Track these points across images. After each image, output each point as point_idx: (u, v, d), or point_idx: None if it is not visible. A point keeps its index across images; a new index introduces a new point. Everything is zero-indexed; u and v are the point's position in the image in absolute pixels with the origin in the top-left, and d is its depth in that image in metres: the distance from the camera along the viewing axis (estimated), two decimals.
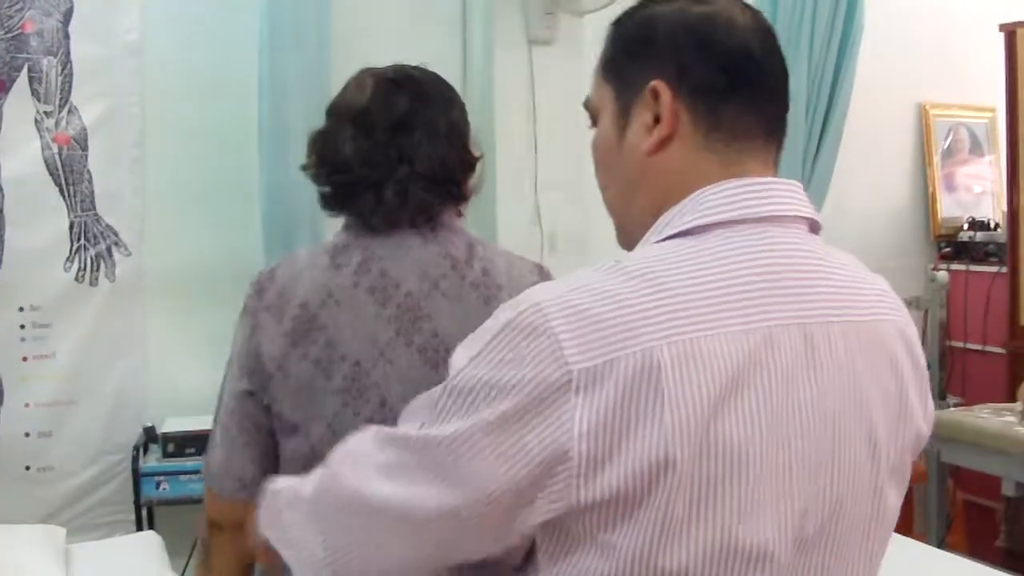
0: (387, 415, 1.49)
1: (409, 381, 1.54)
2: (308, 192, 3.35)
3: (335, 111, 1.72)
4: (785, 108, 1.14)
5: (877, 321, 1.09)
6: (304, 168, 1.74)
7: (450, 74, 3.61)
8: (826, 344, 1.03)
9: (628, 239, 1.14)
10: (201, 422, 3.36)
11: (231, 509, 1.64)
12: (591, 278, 1.00)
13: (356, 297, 1.58)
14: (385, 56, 3.59)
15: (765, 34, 1.11)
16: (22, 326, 3.42)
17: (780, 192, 1.08)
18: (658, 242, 1.06)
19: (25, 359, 3.42)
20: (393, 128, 1.63)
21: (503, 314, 1.01)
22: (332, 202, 1.69)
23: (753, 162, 1.09)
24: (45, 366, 3.44)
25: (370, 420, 1.50)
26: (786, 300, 1.02)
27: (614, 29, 1.16)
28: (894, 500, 1.11)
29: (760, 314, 1.00)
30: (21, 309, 3.42)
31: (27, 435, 3.43)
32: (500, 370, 0.98)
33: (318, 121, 3.27)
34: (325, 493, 1.13)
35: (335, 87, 3.42)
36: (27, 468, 3.44)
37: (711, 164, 1.08)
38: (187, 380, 3.54)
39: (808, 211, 1.10)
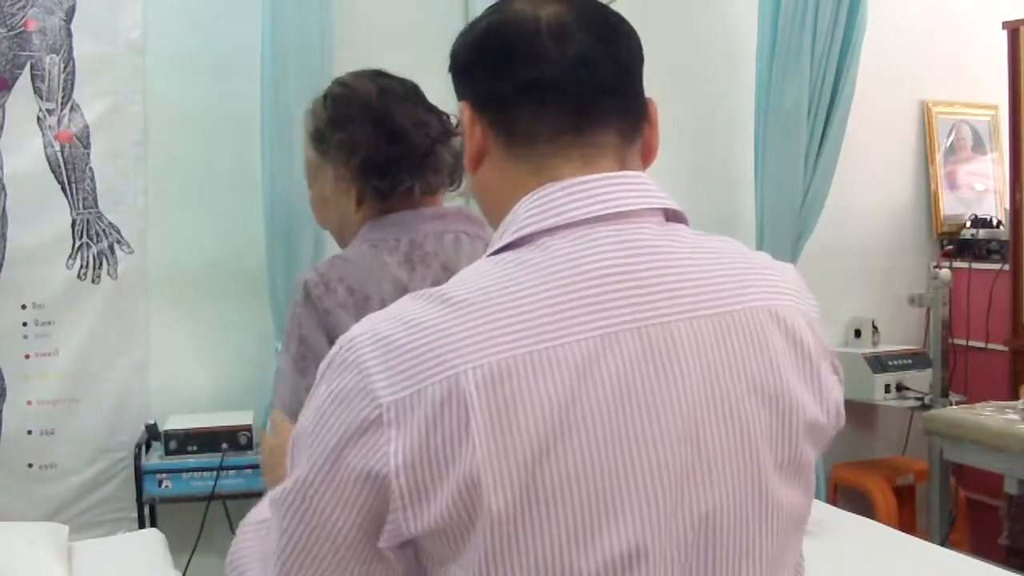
0: None
1: None
2: (307, 197, 3.37)
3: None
4: (608, 95, 1.07)
5: (741, 310, 1.03)
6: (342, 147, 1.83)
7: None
8: (669, 344, 0.98)
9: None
10: (203, 419, 3.39)
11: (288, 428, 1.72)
12: (405, 306, 0.99)
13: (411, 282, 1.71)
14: (386, 54, 3.60)
15: (567, 26, 1.06)
16: (25, 324, 3.42)
17: (609, 188, 1.03)
18: (486, 258, 1.04)
19: (28, 356, 3.42)
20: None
21: (331, 350, 1.01)
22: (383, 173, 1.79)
23: (568, 163, 1.05)
24: (48, 364, 3.44)
25: None
26: (615, 304, 0.97)
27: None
28: (791, 498, 1.04)
29: (585, 323, 0.96)
30: (24, 307, 3.42)
31: (30, 433, 3.43)
32: (321, 410, 0.97)
33: None
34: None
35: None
36: (30, 466, 3.44)
37: (522, 173, 1.06)
38: (189, 378, 3.56)
39: (656, 201, 1.06)
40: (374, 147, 1.78)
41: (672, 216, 1.08)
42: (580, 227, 1.01)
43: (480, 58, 1.09)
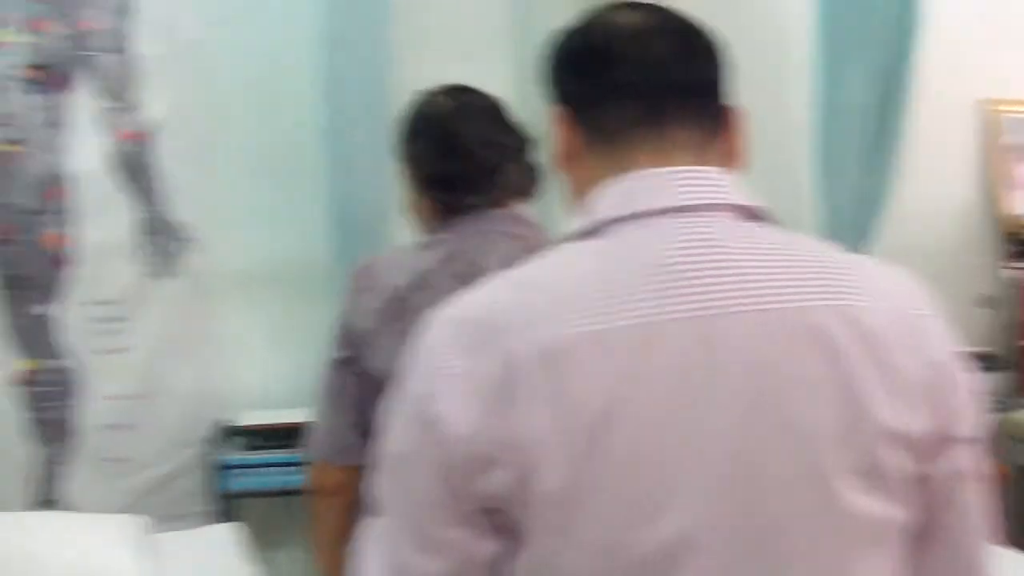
0: None
1: None
2: (372, 191, 3.40)
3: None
4: (684, 97, 1.13)
5: (804, 308, 1.03)
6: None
7: (511, 70, 3.64)
8: (721, 337, 1.00)
9: None
10: (278, 416, 3.41)
11: (332, 473, 1.93)
12: (485, 287, 1.08)
13: (443, 282, 1.78)
14: (443, 54, 3.61)
15: (646, 32, 1.15)
16: (97, 320, 3.46)
17: (682, 182, 1.09)
18: (562, 245, 1.11)
19: (101, 352, 3.46)
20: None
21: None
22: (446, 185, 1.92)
23: (644, 157, 1.10)
24: (120, 360, 3.48)
25: None
26: (671, 293, 1.00)
27: None
28: (866, 505, 1.02)
29: (638, 309, 0.99)
30: (95, 303, 3.46)
31: (106, 427, 3.47)
32: (407, 385, 1.06)
33: (380, 119, 3.32)
34: None
35: (395, 85, 3.45)
36: (107, 459, 3.48)
37: (602, 169, 1.12)
38: (262, 374, 3.58)
39: (730, 197, 1.09)
40: (437, 164, 1.90)
41: (753, 214, 1.11)
42: (649, 217, 1.07)
43: (564, 62, 1.18)
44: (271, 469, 3.32)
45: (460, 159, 1.88)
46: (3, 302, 3.41)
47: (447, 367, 1.01)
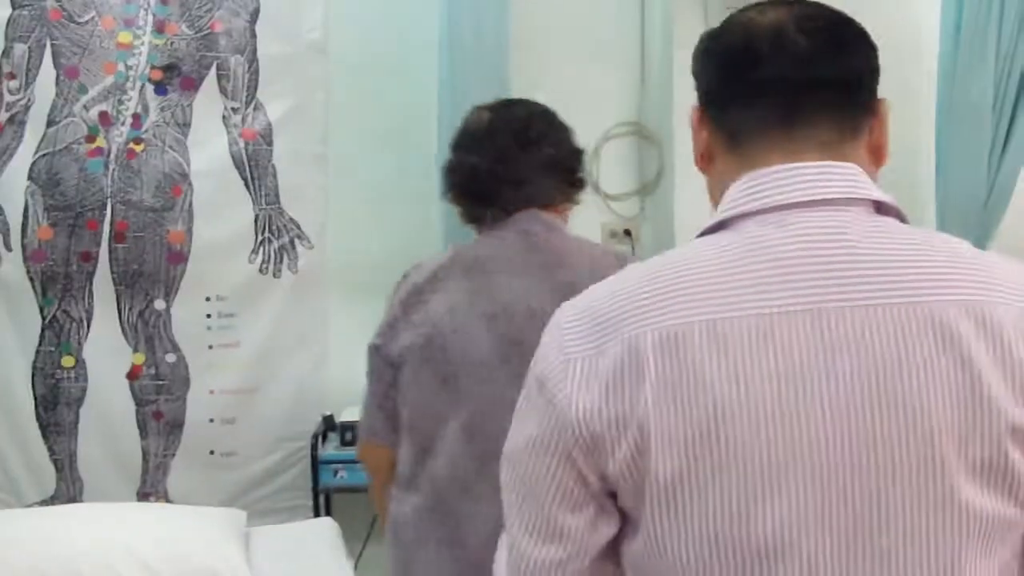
0: (449, 368, 1.95)
1: (471, 340, 1.93)
2: None
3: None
4: (822, 92, 1.13)
5: (929, 303, 1.02)
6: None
7: (628, 73, 3.61)
8: (840, 329, 1.01)
9: None
10: None
11: (371, 451, 2.16)
12: (615, 276, 1.12)
13: (452, 276, 1.99)
14: (561, 51, 3.59)
15: (784, 29, 1.12)
16: (208, 315, 3.55)
17: (810, 176, 1.09)
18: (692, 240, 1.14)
19: (211, 347, 3.55)
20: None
21: None
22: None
23: (773, 154, 1.11)
24: (230, 354, 3.56)
25: (436, 367, 1.96)
26: (792, 286, 1.02)
27: None
28: (985, 503, 1.01)
29: (758, 300, 1.02)
30: (208, 299, 3.54)
31: (211, 421, 3.56)
32: (534, 366, 1.12)
33: None
34: None
35: (514, 85, 3.45)
36: (211, 452, 3.57)
37: (737, 167, 1.13)
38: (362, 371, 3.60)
39: (861, 191, 1.09)
40: (466, 176, 2.04)
41: (886, 209, 1.11)
42: (776, 212, 1.08)
43: (705, 64, 1.19)
44: None
45: (486, 175, 2.00)
46: (122, 297, 3.53)
47: (574, 353, 1.06)
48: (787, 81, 1.12)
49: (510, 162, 2.00)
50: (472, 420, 1.92)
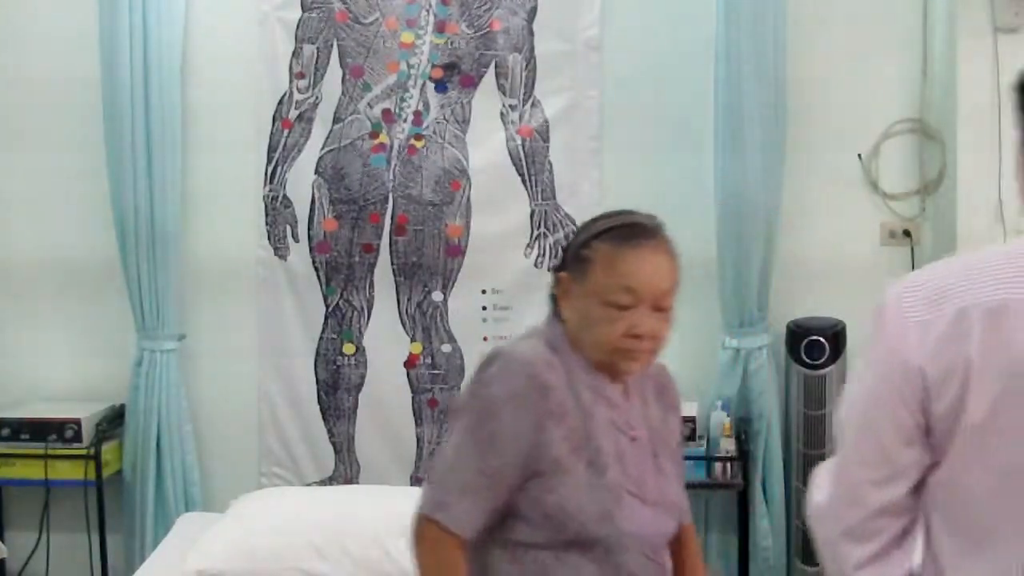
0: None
1: None
2: (762, 193, 3.36)
3: None
4: None
5: None
6: None
7: (910, 63, 3.51)
8: None
9: None
10: None
11: None
12: (932, 265, 1.42)
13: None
14: (839, 51, 3.51)
15: None
16: (484, 308, 3.64)
17: None
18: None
19: (486, 339, 3.63)
20: None
21: None
22: None
23: None
24: None
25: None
26: None
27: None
28: None
29: None
30: (484, 292, 3.63)
31: None
32: (877, 337, 1.39)
33: (772, 125, 3.23)
34: None
35: (791, 90, 3.40)
36: None
37: None
38: None
39: None
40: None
41: None
42: None
43: (1016, 99, 1.38)
44: None
45: None
46: (401, 288, 3.65)
47: (913, 318, 1.33)
48: None
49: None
50: None
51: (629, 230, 1.83)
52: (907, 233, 3.55)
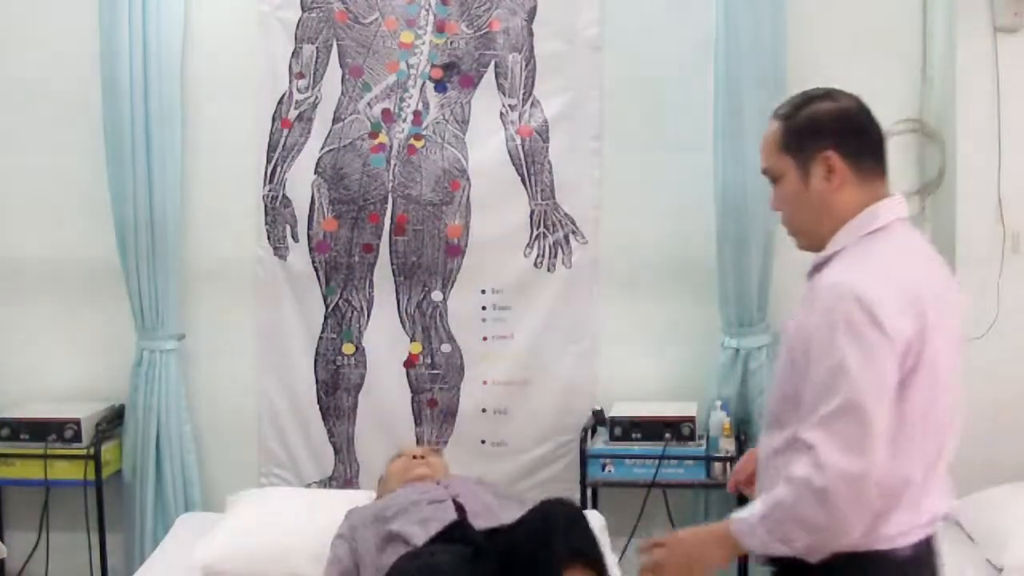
0: None
1: None
2: (762, 191, 3.34)
3: None
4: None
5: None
6: None
7: (910, 63, 3.50)
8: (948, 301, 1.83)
9: (814, 246, 1.88)
10: (647, 408, 3.45)
11: None
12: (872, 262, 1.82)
13: None
14: (840, 48, 3.51)
15: (870, 111, 1.88)
16: (483, 308, 3.64)
17: (901, 202, 1.87)
18: (862, 237, 1.81)
19: (485, 339, 3.64)
20: None
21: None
22: None
23: (882, 188, 1.86)
24: (504, 346, 3.64)
25: None
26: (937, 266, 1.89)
27: (786, 122, 1.91)
28: None
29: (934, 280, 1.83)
30: (483, 292, 3.63)
31: (484, 411, 3.66)
32: (879, 318, 1.73)
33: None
34: None
35: (791, 90, 3.38)
36: (482, 442, 3.66)
37: (862, 195, 1.83)
38: (635, 367, 3.62)
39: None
40: None
41: None
42: (899, 223, 1.85)
43: (850, 128, 1.85)
44: (635, 461, 3.36)
45: None
46: (401, 288, 3.65)
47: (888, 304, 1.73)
48: (881, 144, 1.91)
49: None
50: None
51: None
52: None
